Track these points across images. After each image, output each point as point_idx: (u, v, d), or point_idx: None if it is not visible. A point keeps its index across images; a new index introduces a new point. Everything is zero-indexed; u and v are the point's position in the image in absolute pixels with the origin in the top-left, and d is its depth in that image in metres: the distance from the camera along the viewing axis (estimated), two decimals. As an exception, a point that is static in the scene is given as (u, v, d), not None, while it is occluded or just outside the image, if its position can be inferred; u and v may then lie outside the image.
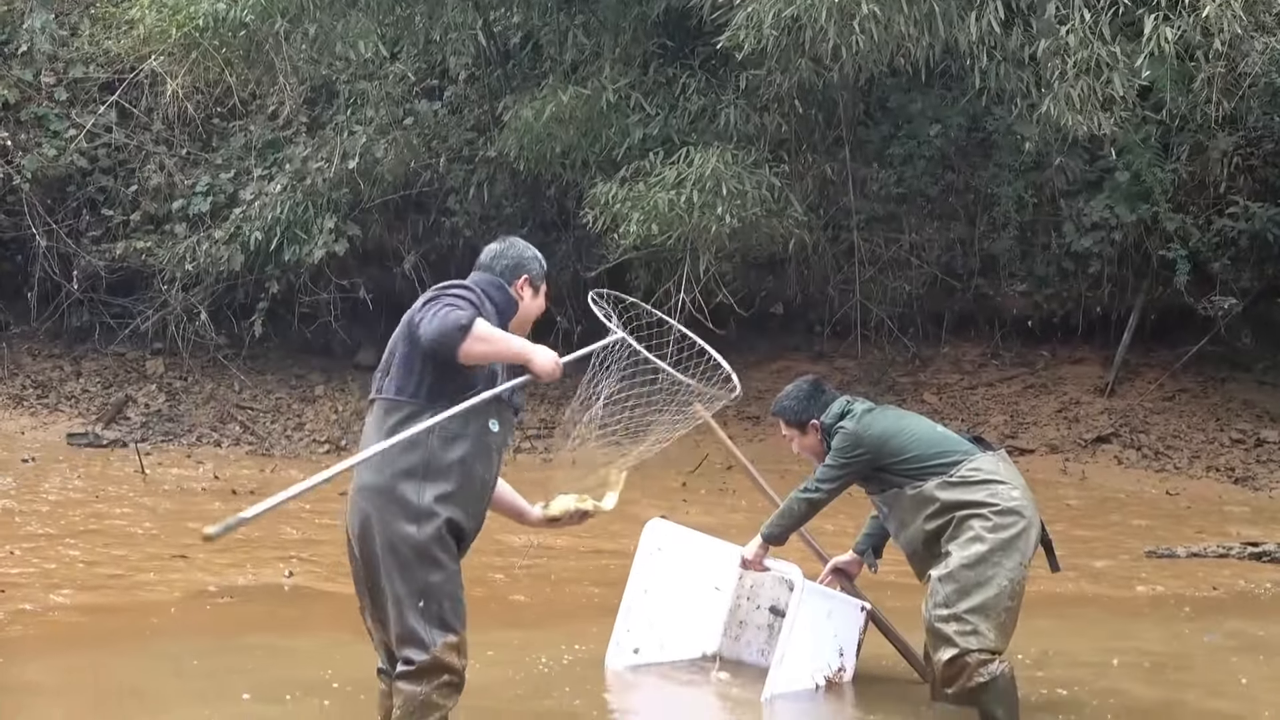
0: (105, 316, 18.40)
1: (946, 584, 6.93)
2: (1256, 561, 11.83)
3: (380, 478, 5.57)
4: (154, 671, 7.70)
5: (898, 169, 17.60)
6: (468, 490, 5.63)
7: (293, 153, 17.65)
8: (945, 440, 7.27)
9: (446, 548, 5.58)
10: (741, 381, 6.05)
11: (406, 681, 5.52)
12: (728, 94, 16.14)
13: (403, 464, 5.54)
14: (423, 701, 5.49)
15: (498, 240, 6.12)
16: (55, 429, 16.81)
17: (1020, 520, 6.98)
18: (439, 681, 5.50)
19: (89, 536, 11.28)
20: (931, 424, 7.49)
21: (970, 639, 6.82)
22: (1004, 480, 7.08)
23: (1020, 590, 6.94)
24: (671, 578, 8.27)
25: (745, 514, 13.46)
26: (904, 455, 7.21)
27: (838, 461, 7.37)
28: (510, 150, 16.46)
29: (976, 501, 7.00)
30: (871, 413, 7.43)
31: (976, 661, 6.80)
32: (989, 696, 6.84)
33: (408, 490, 5.53)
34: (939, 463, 7.14)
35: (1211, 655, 8.75)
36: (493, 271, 5.94)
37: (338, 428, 17.15)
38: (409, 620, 5.52)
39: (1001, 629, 6.88)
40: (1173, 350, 17.53)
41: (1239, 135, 16.52)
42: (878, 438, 7.27)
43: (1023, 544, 6.96)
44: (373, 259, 18.26)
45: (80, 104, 18.64)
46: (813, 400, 7.66)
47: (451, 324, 5.35)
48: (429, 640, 5.51)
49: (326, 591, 9.86)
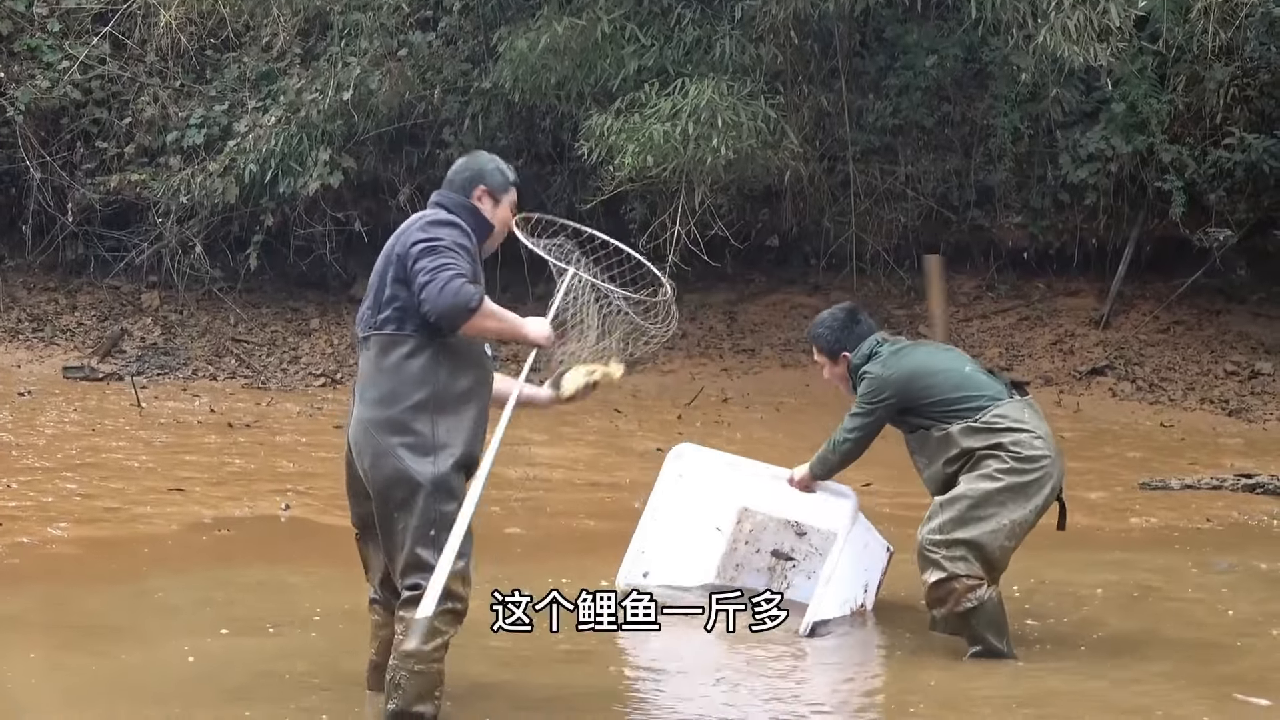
0: (100, 249, 18.36)
1: (946, 510, 6.97)
2: (1250, 493, 11.89)
3: (391, 412, 5.64)
4: (137, 605, 7.73)
5: (893, 100, 17.54)
6: (476, 420, 5.75)
7: (287, 84, 17.56)
8: (972, 383, 7.20)
9: (460, 479, 5.68)
10: (737, 314, 6.14)
11: (409, 608, 5.57)
12: (723, 25, 16.07)
13: (414, 398, 5.63)
14: (428, 626, 5.55)
15: (465, 155, 6.19)
16: (51, 362, 16.81)
17: (1038, 469, 6.97)
18: (444, 608, 5.54)
19: (85, 470, 11.31)
20: (963, 364, 7.40)
21: (959, 564, 6.87)
22: (1028, 429, 7.04)
23: (1021, 534, 6.97)
24: (689, 504, 8.30)
25: (740, 446, 13.48)
26: (929, 399, 7.17)
27: (864, 408, 7.32)
28: (505, 82, 16.39)
29: (995, 445, 6.99)
30: (899, 354, 7.35)
31: (964, 587, 6.87)
32: (976, 620, 6.92)
33: (420, 425, 5.62)
34: (964, 407, 7.10)
35: (1201, 588, 8.78)
36: (453, 186, 5.99)
37: (333, 361, 17.16)
38: (419, 549, 5.60)
39: (990, 563, 6.92)
40: (1168, 282, 17.54)
41: (1235, 66, 16.45)
42: (903, 381, 7.22)
43: (1035, 492, 6.96)
44: (367, 191, 18.22)
45: (73, 35, 18.53)
46: (847, 330, 7.54)
47: (462, 303, 5.47)
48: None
49: (323, 524, 9.91)
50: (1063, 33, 14.36)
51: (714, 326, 17.78)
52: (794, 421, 14.85)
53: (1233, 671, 6.92)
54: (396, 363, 5.65)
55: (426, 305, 5.51)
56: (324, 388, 16.32)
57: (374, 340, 5.75)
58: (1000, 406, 7.08)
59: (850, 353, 7.49)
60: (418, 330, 5.64)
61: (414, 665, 5.55)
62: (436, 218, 5.77)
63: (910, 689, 6.65)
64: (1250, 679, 6.74)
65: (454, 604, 5.61)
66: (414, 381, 5.62)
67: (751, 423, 14.79)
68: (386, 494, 5.64)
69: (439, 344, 5.64)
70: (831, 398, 15.73)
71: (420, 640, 5.51)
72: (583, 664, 6.79)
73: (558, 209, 17.94)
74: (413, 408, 5.61)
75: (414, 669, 5.56)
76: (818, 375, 8.17)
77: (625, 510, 10.01)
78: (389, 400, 5.64)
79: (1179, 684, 6.70)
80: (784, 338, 17.52)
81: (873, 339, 7.48)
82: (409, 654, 5.55)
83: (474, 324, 5.56)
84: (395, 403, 5.63)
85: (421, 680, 5.57)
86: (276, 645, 6.97)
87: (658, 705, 6.50)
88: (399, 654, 5.59)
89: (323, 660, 6.64)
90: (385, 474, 5.62)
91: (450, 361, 5.67)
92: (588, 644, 6.81)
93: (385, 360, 5.68)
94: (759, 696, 6.58)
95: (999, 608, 6.98)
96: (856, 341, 7.50)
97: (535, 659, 6.73)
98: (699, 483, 8.36)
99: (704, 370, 16.98)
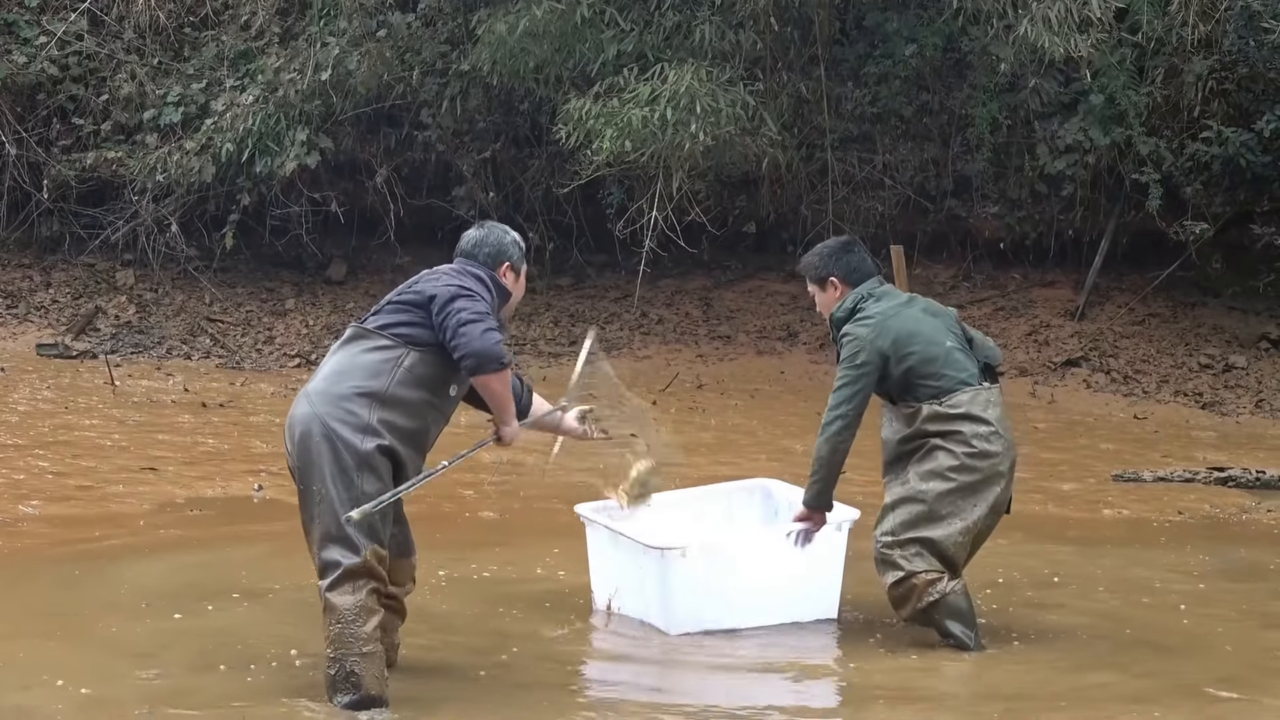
0: (75, 227, 18.28)
1: (899, 512, 6.92)
2: (1222, 486, 11.92)
3: (336, 388, 5.74)
4: (87, 585, 7.68)
5: (872, 88, 17.52)
6: (414, 430, 5.83)
7: (265, 64, 17.50)
8: (946, 361, 6.96)
9: (384, 464, 5.75)
10: (713, 301, 6.31)
11: (337, 591, 5.65)
12: (703, 10, 16.04)
13: (362, 385, 5.74)
14: (361, 606, 5.64)
15: (475, 227, 6.35)
16: (24, 339, 16.75)
17: (988, 467, 6.87)
18: (370, 587, 5.67)
19: (58, 448, 11.29)
20: (945, 335, 7.09)
21: (916, 561, 6.84)
22: (986, 421, 6.90)
23: (975, 530, 6.89)
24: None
25: (714, 433, 13.52)
26: (902, 367, 6.95)
27: (846, 376, 6.98)
28: (484, 64, 16.35)
29: (950, 432, 6.87)
30: (887, 317, 7.06)
31: (923, 582, 6.84)
32: (940, 613, 6.87)
33: (358, 406, 5.70)
34: (930, 385, 6.93)
35: (1173, 581, 8.78)
36: (475, 260, 6.13)
37: (308, 342, 17.12)
38: (341, 524, 5.64)
39: (945, 558, 6.86)
40: (1143, 275, 17.57)
41: (1214, 59, 16.46)
42: (886, 349, 6.96)
43: (985, 489, 6.88)
44: (345, 172, 18.17)
45: (51, 11, 18.43)
46: (835, 257, 7.31)
47: (498, 354, 5.70)
48: (360, 544, 5.66)
49: (294, 504, 9.86)
50: (1043, 23, 14.39)
51: (690, 313, 17.77)
52: (769, 408, 14.87)
53: (1205, 666, 6.93)
54: (361, 352, 5.80)
55: (464, 338, 5.64)
56: (298, 368, 16.27)
57: (353, 330, 5.91)
58: (964, 392, 6.91)
59: (838, 279, 7.26)
60: (398, 340, 5.78)
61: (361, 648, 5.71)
62: (474, 272, 5.96)
63: (872, 683, 6.63)
64: (1221, 674, 6.76)
65: (377, 584, 5.74)
66: (369, 372, 5.75)
67: (726, 409, 14.80)
68: (311, 462, 5.71)
69: (413, 359, 5.76)
70: (806, 384, 15.82)
71: (357, 624, 5.68)
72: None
73: (535, 192, 18.00)
74: (357, 392, 5.71)
75: (363, 652, 5.71)
76: (793, 363, 8.15)
77: (597, 496, 10.00)
78: (339, 378, 5.76)
79: (1154, 680, 6.69)
80: (760, 324, 17.52)
81: (860, 291, 7.21)
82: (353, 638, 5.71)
83: (494, 378, 5.75)
84: (343, 381, 5.74)
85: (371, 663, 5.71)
86: (244, 622, 6.96)
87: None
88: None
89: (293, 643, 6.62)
90: (311, 440, 5.70)
91: (413, 379, 5.79)
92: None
93: (354, 347, 5.84)
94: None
95: (963, 599, 6.92)
96: (846, 271, 7.25)
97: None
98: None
99: (679, 356, 16.97)
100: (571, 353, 16.57)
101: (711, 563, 7.08)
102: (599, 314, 17.88)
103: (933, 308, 7.35)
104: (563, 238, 18.48)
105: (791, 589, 7.30)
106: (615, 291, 18.18)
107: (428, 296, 5.78)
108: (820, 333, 17.17)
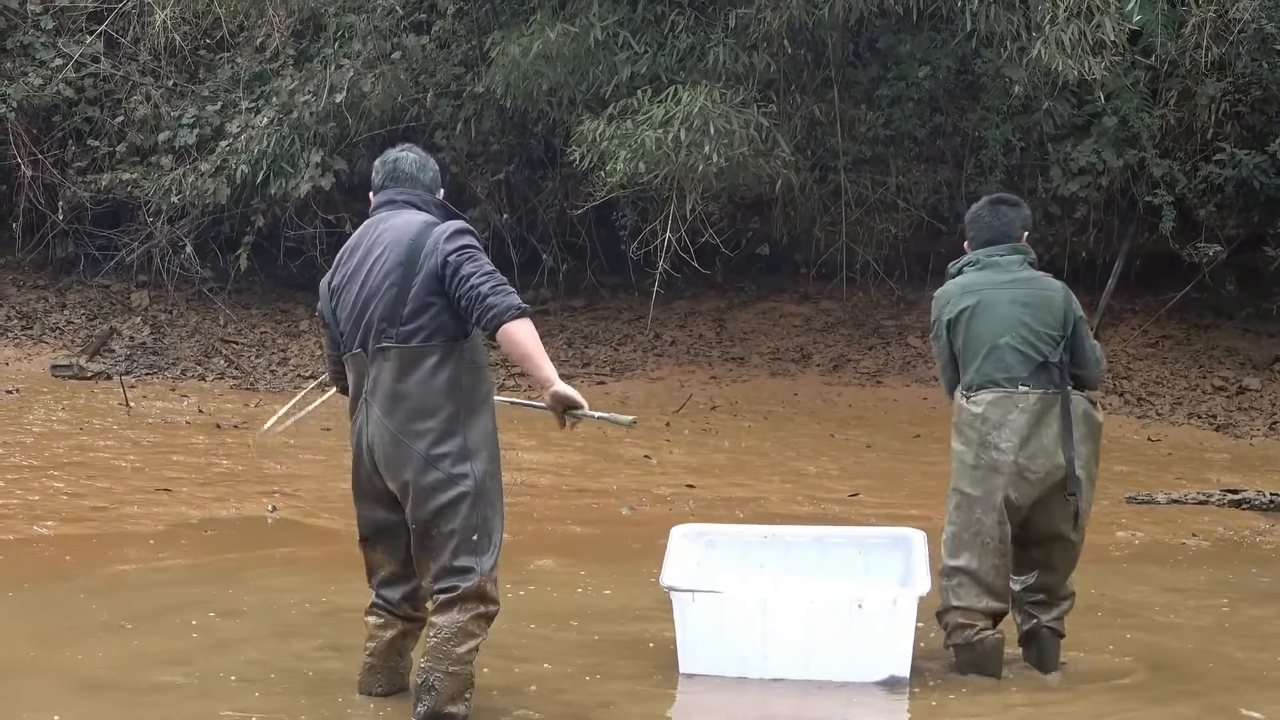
0: (90, 248, 18.36)
1: (947, 526, 6.88)
2: (1236, 509, 11.88)
3: (429, 423, 5.70)
4: (99, 604, 7.63)
5: (886, 111, 17.54)
6: (494, 424, 5.89)
7: (279, 86, 17.57)
8: (990, 354, 6.82)
9: (497, 484, 5.82)
10: (727, 322, 6.20)
11: (444, 611, 5.67)
12: (717, 32, 16.08)
13: (447, 408, 5.72)
14: (461, 629, 5.64)
15: (401, 148, 6.35)
16: (40, 360, 16.79)
17: (990, 474, 6.72)
18: (477, 611, 5.67)
19: (73, 469, 11.29)
20: (1011, 329, 6.89)
21: (949, 595, 6.78)
22: (999, 425, 6.72)
23: (1002, 546, 6.73)
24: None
25: (728, 454, 13.50)
26: (956, 345, 6.96)
27: (933, 331, 7.16)
28: (497, 86, 16.40)
29: (965, 436, 6.80)
30: (967, 291, 7.08)
31: (954, 624, 6.76)
32: (962, 660, 6.78)
33: (455, 433, 5.71)
34: (966, 374, 6.88)
35: (1190, 604, 8.73)
36: (420, 184, 6.21)
37: (322, 363, 17.12)
38: (461, 554, 5.68)
39: (989, 590, 6.73)
40: (1157, 296, 17.57)
41: (1227, 81, 16.47)
42: (948, 320, 7.00)
43: (992, 496, 6.72)
44: (359, 194, 18.15)
45: (67, 33, 18.52)
46: (972, 218, 7.56)
47: (516, 303, 5.58)
48: (479, 568, 5.68)
49: (308, 525, 9.91)
50: (1056, 46, 14.41)
51: (703, 334, 17.79)
52: (782, 430, 14.85)
53: (1225, 691, 6.88)
54: (425, 375, 5.70)
55: (490, 301, 5.57)
56: (313, 391, 16.28)
57: (396, 353, 5.73)
58: (987, 393, 6.78)
59: (968, 238, 7.41)
60: (445, 341, 5.72)
61: (448, 667, 5.62)
62: (460, 228, 5.86)
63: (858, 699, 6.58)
64: (1246, 699, 6.70)
65: (488, 607, 5.71)
66: (444, 392, 5.70)
67: (740, 431, 14.79)
68: (429, 502, 5.68)
69: (459, 354, 5.73)
70: (820, 406, 15.79)
71: (454, 644, 5.62)
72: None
73: (549, 214, 18.04)
74: (448, 418, 5.69)
75: (448, 670, 5.62)
76: (806, 384, 8.07)
77: (612, 517, 10.01)
78: (424, 413, 5.70)
79: (1174, 705, 6.64)
80: (773, 346, 17.53)
81: (975, 255, 7.30)
82: (444, 655, 5.62)
83: (523, 327, 5.60)
84: (431, 415, 5.69)
85: (455, 681, 5.63)
86: (258, 647, 6.95)
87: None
88: (432, 655, 5.65)
89: (306, 661, 6.63)
90: (429, 482, 5.67)
91: (470, 370, 5.78)
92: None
93: (413, 372, 5.71)
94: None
95: (990, 653, 6.73)
96: (974, 231, 7.44)
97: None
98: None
99: (692, 378, 16.98)
100: (585, 374, 16.60)
101: (725, 611, 6.77)
102: (612, 335, 17.90)
103: (1034, 298, 7.16)
104: (576, 259, 18.52)
105: (832, 648, 6.71)
106: (629, 313, 18.20)
107: (439, 270, 5.73)
108: (833, 354, 17.18)
